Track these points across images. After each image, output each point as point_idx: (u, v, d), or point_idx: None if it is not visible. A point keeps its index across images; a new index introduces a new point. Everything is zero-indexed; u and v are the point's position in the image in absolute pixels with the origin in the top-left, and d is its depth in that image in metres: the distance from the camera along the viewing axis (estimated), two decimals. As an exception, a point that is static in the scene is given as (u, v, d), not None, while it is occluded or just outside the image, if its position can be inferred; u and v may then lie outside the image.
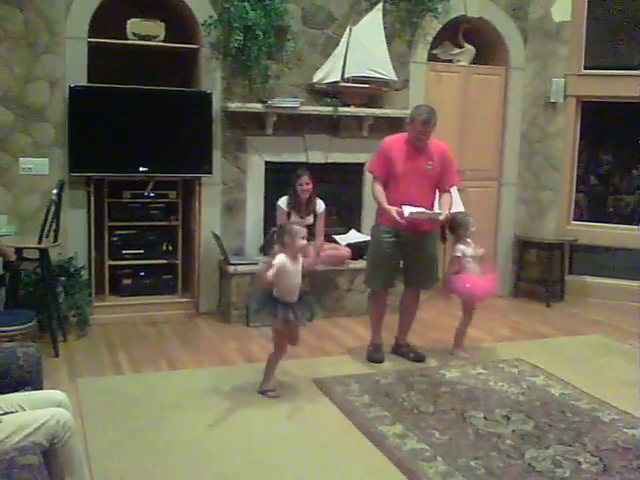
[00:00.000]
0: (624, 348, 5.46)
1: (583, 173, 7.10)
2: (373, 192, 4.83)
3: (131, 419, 3.87)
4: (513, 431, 3.83)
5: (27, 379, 3.00)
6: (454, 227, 5.03)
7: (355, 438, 3.75)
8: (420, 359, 4.95)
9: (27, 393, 2.87)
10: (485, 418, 3.99)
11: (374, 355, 4.96)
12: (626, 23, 6.77)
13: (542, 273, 6.91)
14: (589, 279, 6.97)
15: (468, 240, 5.03)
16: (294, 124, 6.06)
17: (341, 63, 5.99)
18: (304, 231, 4.19)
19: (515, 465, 3.44)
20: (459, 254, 4.99)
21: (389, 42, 6.16)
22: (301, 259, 4.21)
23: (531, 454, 3.56)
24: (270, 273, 4.00)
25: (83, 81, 5.41)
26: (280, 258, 4.06)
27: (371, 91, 6.20)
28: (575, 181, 7.02)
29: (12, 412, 2.64)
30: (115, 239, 5.74)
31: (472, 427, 3.86)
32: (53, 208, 4.76)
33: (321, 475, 3.36)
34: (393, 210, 4.59)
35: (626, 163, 7.17)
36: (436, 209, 4.82)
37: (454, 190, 5.12)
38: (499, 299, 6.75)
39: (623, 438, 3.78)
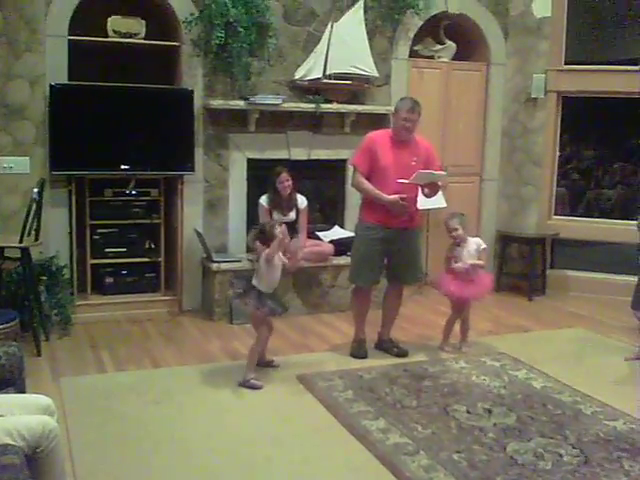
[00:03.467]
0: (605, 341, 5.51)
1: (564, 168, 7.15)
2: (359, 186, 4.82)
3: (115, 418, 3.87)
4: (495, 424, 3.85)
5: (9, 379, 2.99)
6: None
7: (338, 433, 3.77)
8: (403, 354, 4.97)
9: (13, 396, 2.85)
10: (467, 412, 4.01)
11: (357, 351, 4.97)
12: (606, 18, 6.83)
13: (524, 267, 6.95)
14: (570, 273, 7.02)
15: (468, 240, 5.01)
16: (276, 121, 6.06)
17: (323, 60, 6.01)
18: (284, 231, 4.43)
19: (497, 458, 3.47)
20: (450, 254, 5.02)
21: (371, 38, 6.19)
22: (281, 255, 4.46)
23: (513, 447, 3.59)
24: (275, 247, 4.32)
25: (64, 79, 5.38)
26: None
27: (353, 87, 6.21)
28: (556, 176, 7.06)
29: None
30: (97, 237, 5.71)
31: (454, 421, 3.89)
32: (34, 207, 4.73)
33: (305, 470, 3.37)
34: (397, 197, 4.62)
35: (607, 158, 7.22)
36: (420, 203, 4.84)
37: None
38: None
39: (604, 430, 3.82)
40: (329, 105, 6.09)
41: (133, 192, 5.76)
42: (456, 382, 4.48)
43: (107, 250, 5.75)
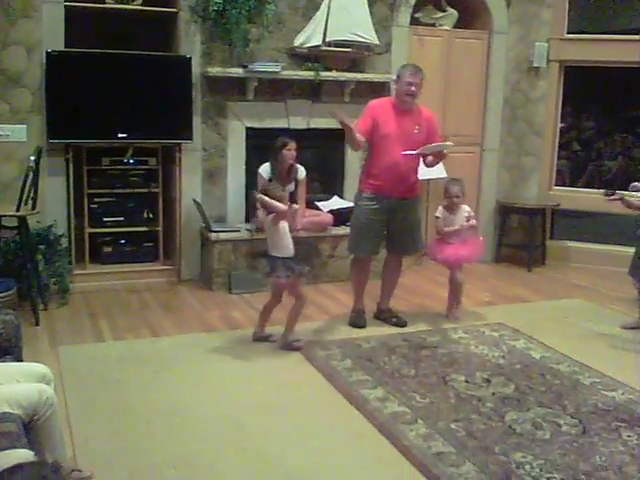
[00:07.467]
0: (604, 312, 5.50)
1: (565, 138, 7.09)
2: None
3: (113, 387, 3.87)
4: (493, 394, 3.86)
5: (6, 347, 2.98)
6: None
7: (337, 402, 3.77)
8: (402, 324, 4.97)
9: (10, 364, 2.84)
10: (466, 381, 4.02)
11: (356, 320, 4.97)
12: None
13: (524, 238, 6.94)
14: (570, 244, 7.01)
15: (462, 207, 5.08)
16: (275, 89, 5.99)
17: (322, 27, 5.92)
18: (286, 196, 4.40)
19: (495, 427, 3.47)
20: (437, 215, 5.11)
21: (371, 5, 6.09)
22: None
23: (511, 416, 3.59)
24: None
25: (60, 46, 5.31)
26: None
27: (353, 55, 6.14)
28: (557, 146, 7.01)
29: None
30: (95, 206, 5.68)
31: (453, 390, 3.89)
32: (31, 175, 4.70)
33: (303, 439, 3.37)
34: (352, 122, 4.57)
35: (608, 129, 7.17)
36: (420, 172, 4.81)
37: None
38: (481, 264, 6.75)
39: (603, 400, 3.82)
40: (329, 73, 6.01)
41: (131, 161, 5.72)
42: (455, 352, 4.49)
43: (105, 219, 5.72)
